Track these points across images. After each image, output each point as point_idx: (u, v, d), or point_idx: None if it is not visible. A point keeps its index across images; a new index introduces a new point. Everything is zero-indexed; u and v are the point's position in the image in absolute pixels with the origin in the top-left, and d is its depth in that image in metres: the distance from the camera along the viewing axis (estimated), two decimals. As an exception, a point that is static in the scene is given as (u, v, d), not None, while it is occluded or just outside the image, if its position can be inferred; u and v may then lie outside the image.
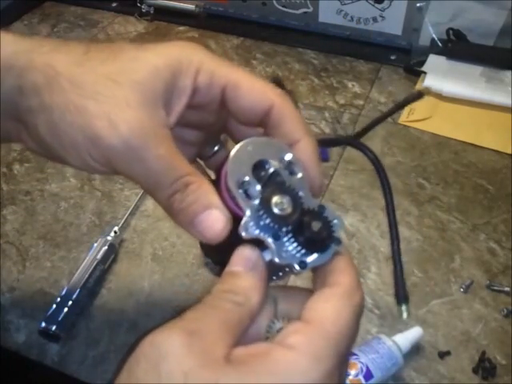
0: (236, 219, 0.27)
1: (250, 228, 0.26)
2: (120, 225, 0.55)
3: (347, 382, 0.41)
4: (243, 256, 0.27)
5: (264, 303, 0.26)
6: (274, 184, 0.27)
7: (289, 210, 0.27)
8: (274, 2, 0.83)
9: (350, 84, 0.76)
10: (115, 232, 0.54)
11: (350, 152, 0.65)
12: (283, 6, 0.83)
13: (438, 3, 0.73)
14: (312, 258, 0.26)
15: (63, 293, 0.49)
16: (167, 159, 0.28)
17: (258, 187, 0.27)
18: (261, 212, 0.26)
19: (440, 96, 0.71)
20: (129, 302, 0.51)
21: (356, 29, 0.81)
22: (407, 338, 0.45)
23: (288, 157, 0.28)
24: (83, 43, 0.30)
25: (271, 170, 0.28)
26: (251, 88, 0.30)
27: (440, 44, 0.76)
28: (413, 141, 0.66)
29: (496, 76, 0.72)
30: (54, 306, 0.48)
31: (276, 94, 0.31)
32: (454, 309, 0.49)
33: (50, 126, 0.28)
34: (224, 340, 0.23)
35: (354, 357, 0.43)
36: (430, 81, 0.72)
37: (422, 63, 0.75)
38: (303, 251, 0.26)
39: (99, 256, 0.52)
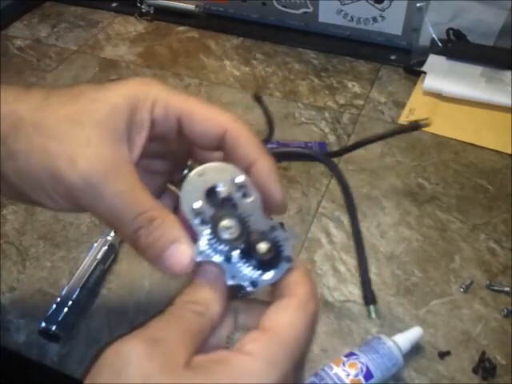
0: None
1: (202, 253, 0.28)
2: (120, 225, 0.55)
3: (347, 381, 0.41)
4: (205, 269, 0.28)
5: (225, 315, 0.28)
6: (227, 209, 0.29)
7: (236, 233, 0.28)
8: (274, 2, 0.83)
9: (350, 84, 0.76)
10: (115, 232, 0.54)
11: (350, 152, 0.65)
12: (283, 6, 0.83)
13: (438, 3, 0.73)
14: (263, 278, 0.28)
15: (63, 293, 0.49)
16: (128, 195, 0.28)
17: (212, 212, 0.28)
18: (212, 237, 0.28)
19: (440, 96, 0.71)
20: (129, 302, 0.51)
21: (356, 29, 0.81)
22: (407, 338, 0.45)
23: (239, 179, 0.29)
24: (44, 89, 0.31)
25: (222, 195, 0.29)
26: (204, 116, 0.32)
27: (440, 44, 0.76)
28: (413, 141, 0.66)
29: (496, 76, 0.72)
30: (54, 306, 0.48)
31: (229, 120, 0.32)
32: (454, 309, 0.49)
33: (18, 171, 0.29)
34: (185, 347, 0.24)
35: (354, 357, 0.43)
36: (429, 81, 0.72)
37: (422, 63, 0.75)
38: (255, 271, 0.28)
39: (99, 256, 0.52)
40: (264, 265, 0.28)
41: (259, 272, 0.28)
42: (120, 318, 0.50)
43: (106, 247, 0.53)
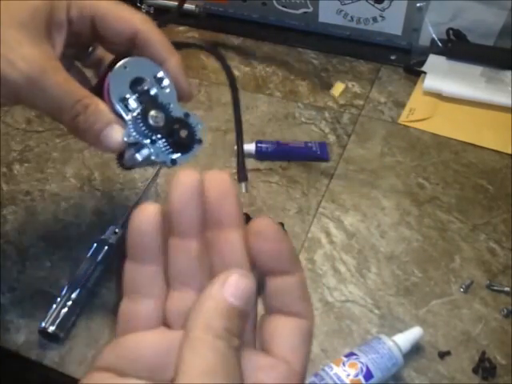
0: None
1: (131, 135, 0.34)
2: (120, 225, 0.55)
3: (347, 381, 0.42)
4: None
5: None
6: (148, 98, 0.35)
7: (162, 122, 0.34)
8: (274, 2, 0.83)
9: (350, 84, 0.76)
10: (115, 232, 0.54)
11: (350, 152, 0.65)
12: (283, 6, 0.83)
13: (438, 3, 0.73)
14: (181, 157, 0.35)
15: (63, 293, 0.49)
16: (65, 86, 0.33)
17: (136, 101, 0.34)
18: (140, 123, 0.34)
19: (440, 96, 0.71)
20: (129, 302, 0.51)
21: (356, 29, 0.81)
22: (407, 338, 0.45)
23: (159, 74, 0.35)
24: None
25: (146, 86, 0.35)
26: (116, 17, 0.36)
27: (440, 44, 0.76)
28: (413, 141, 0.66)
29: (496, 76, 0.72)
30: (54, 306, 0.48)
31: (140, 21, 0.36)
32: (454, 309, 0.49)
33: None
34: None
35: (354, 357, 0.43)
36: (429, 81, 0.72)
37: (422, 63, 0.75)
38: (174, 151, 0.35)
39: (99, 256, 0.52)
40: (180, 147, 0.35)
41: (176, 152, 0.35)
42: (120, 317, 0.50)
43: (106, 247, 0.53)
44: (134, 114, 0.34)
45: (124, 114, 0.34)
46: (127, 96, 0.34)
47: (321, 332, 0.48)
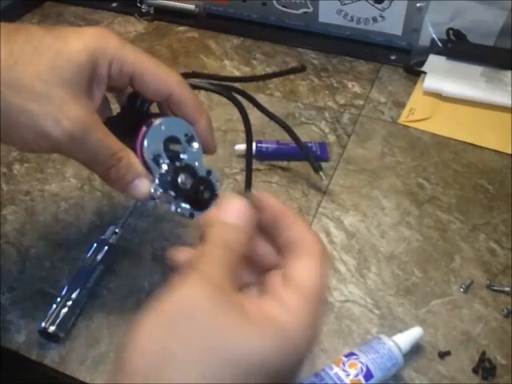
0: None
1: (157, 189, 0.36)
2: (120, 225, 0.55)
3: (347, 381, 0.41)
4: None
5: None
6: (179, 160, 0.37)
7: (189, 185, 0.37)
8: (274, 2, 0.83)
9: (349, 84, 0.76)
10: (115, 232, 0.54)
11: (350, 152, 0.65)
12: (283, 6, 0.83)
13: (437, 3, 0.73)
14: (198, 212, 0.38)
15: (63, 293, 0.49)
16: (103, 141, 0.35)
17: (167, 158, 0.37)
18: (168, 180, 0.36)
19: (440, 96, 0.71)
20: (129, 302, 0.51)
21: (356, 29, 0.81)
22: (407, 338, 0.45)
23: (190, 132, 0.38)
24: (4, 43, 0.33)
25: (178, 148, 0.38)
26: (154, 77, 0.37)
27: (440, 44, 0.76)
28: (413, 141, 0.66)
29: (496, 76, 0.72)
30: (54, 306, 0.48)
31: (175, 83, 0.38)
32: (454, 309, 0.49)
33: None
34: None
35: (354, 357, 0.43)
36: (429, 81, 0.72)
37: (422, 63, 0.75)
38: (193, 207, 0.38)
39: (99, 256, 0.52)
40: (200, 204, 0.38)
41: (197, 208, 0.38)
42: (120, 317, 0.50)
43: (106, 247, 0.53)
44: (163, 171, 0.36)
45: (154, 171, 0.36)
46: (160, 154, 0.36)
47: (321, 332, 0.48)
